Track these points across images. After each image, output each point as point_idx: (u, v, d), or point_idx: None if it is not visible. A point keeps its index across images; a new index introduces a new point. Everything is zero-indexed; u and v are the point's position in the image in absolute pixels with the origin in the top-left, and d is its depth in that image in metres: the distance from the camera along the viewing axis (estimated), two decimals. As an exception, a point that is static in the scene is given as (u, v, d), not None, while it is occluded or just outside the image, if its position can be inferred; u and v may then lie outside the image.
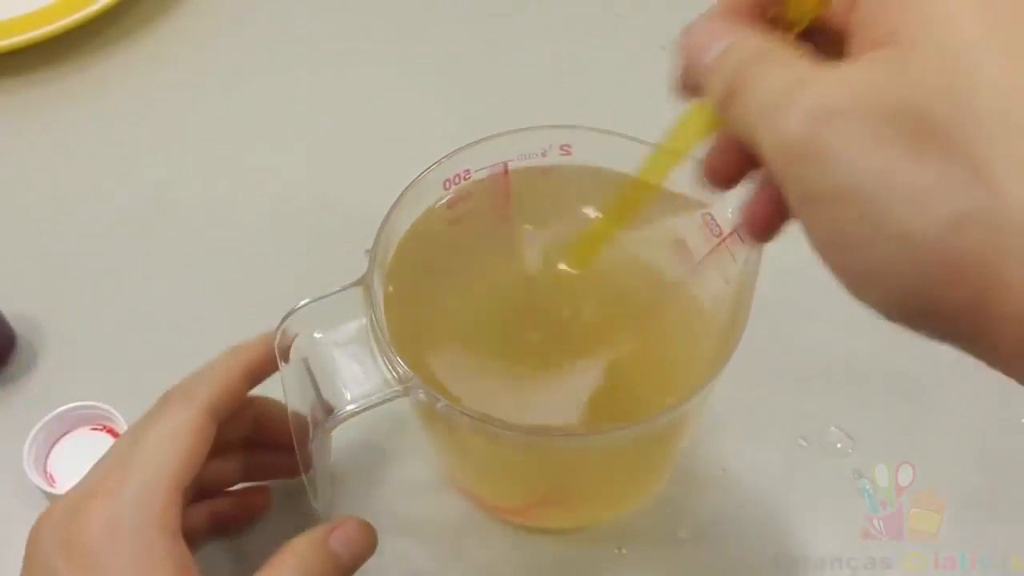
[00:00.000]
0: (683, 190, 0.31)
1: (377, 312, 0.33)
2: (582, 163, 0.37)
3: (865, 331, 0.24)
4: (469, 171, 0.37)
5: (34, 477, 0.41)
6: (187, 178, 0.56)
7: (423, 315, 0.36)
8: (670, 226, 0.36)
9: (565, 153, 0.37)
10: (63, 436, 0.43)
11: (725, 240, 0.34)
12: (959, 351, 0.21)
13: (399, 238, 0.36)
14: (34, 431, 0.42)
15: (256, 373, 0.36)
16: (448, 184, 0.37)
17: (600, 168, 0.37)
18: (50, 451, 0.43)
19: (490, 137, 0.36)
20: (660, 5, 0.63)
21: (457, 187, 0.37)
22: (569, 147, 0.37)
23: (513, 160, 0.37)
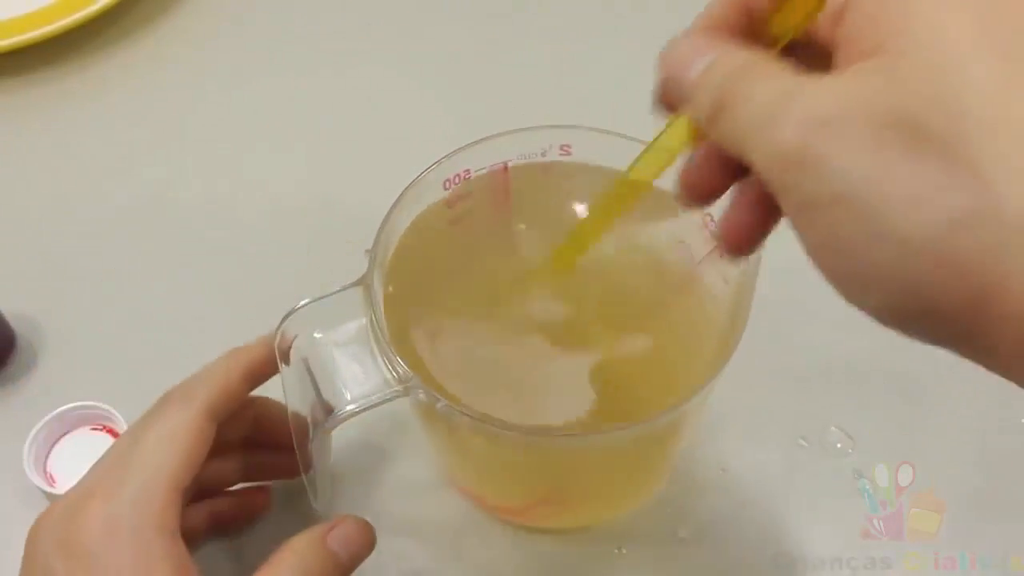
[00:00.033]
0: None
1: (377, 312, 0.33)
2: (582, 163, 0.37)
3: (865, 331, 0.24)
4: (469, 171, 0.37)
5: (34, 477, 0.41)
6: (187, 178, 0.56)
7: (423, 315, 0.36)
8: (670, 226, 0.36)
9: (565, 153, 0.37)
10: (63, 436, 0.43)
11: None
12: (957, 355, 0.21)
13: (399, 238, 0.36)
14: (34, 431, 0.42)
15: (256, 375, 0.36)
16: (448, 184, 0.37)
17: (600, 167, 0.37)
18: (50, 451, 0.43)
19: (490, 137, 0.36)
20: (660, 5, 0.63)
21: (457, 187, 0.37)
22: (569, 147, 0.37)
23: (513, 160, 0.37)
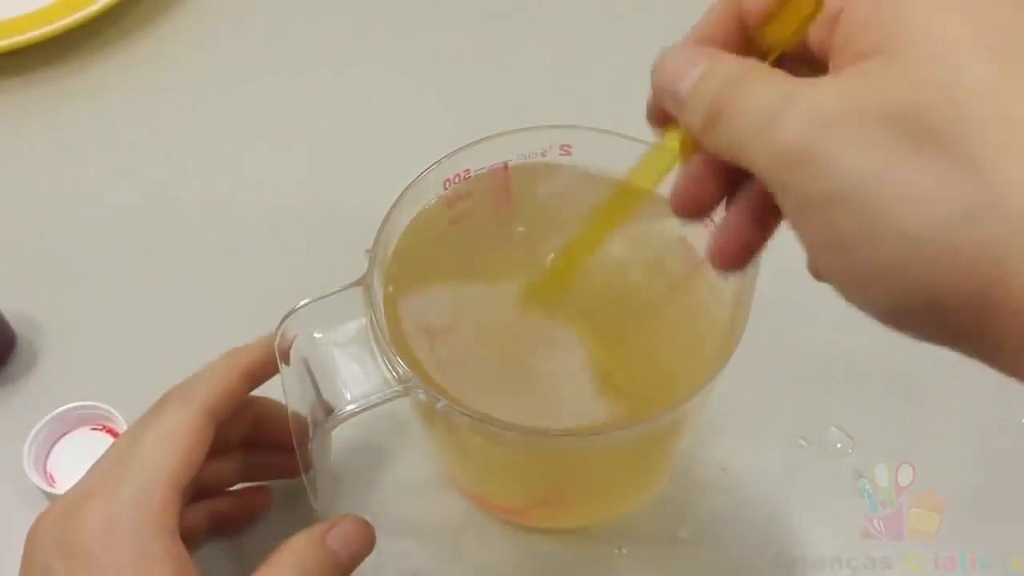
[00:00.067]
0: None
1: (377, 312, 0.33)
2: (582, 163, 0.37)
3: (865, 331, 0.24)
4: (469, 171, 0.37)
5: (34, 477, 0.41)
6: (187, 178, 0.56)
7: (423, 315, 0.36)
8: (671, 225, 0.36)
9: (565, 153, 0.37)
10: (63, 436, 0.43)
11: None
12: (959, 353, 0.21)
13: (399, 238, 0.36)
14: (34, 431, 0.42)
15: (255, 375, 0.36)
16: (448, 184, 0.37)
17: (600, 168, 0.37)
18: (50, 451, 0.43)
19: (490, 137, 0.36)
20: (660, 5, 0.63)
21: (457, 187, 0.37)
22: (569, 147, 0.37)
23: (513, 160, 0.37)
